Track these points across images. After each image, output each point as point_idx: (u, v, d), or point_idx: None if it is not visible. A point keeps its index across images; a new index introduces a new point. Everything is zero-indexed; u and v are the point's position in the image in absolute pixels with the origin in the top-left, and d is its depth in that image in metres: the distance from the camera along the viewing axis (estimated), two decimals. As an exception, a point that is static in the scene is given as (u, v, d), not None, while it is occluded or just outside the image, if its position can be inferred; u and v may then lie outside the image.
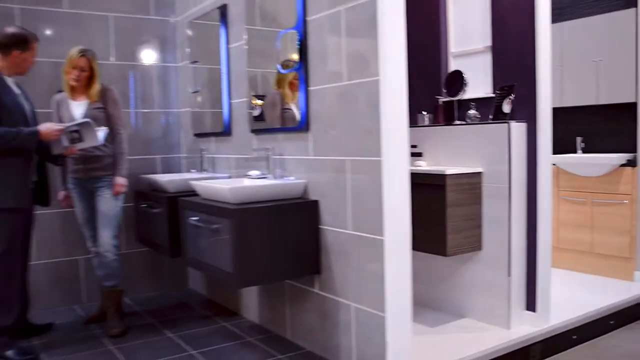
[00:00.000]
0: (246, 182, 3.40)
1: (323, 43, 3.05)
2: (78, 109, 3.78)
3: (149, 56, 4.69)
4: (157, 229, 4.03)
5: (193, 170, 4.52)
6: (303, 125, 3.20)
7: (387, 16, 2.64)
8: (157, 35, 4.72)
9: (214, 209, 3.15)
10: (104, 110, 3.81)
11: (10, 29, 3.38)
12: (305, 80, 3.18)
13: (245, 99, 3.83)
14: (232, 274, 3.00)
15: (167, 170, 4.75)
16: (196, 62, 4.45)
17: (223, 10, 4.00)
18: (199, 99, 4.49)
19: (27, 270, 3.58)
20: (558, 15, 4.78)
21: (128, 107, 4.55)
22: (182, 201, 3.52)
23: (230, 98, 4.03)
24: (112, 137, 3.80)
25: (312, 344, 3.37)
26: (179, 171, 4.78)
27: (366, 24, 2.72)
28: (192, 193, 3.69)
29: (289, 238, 3.10)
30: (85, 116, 3.68)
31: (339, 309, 3.11)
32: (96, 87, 3.79)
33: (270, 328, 3.78)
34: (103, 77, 3.95)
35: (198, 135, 4.52)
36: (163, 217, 3.89)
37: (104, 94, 3.84)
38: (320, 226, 3.17)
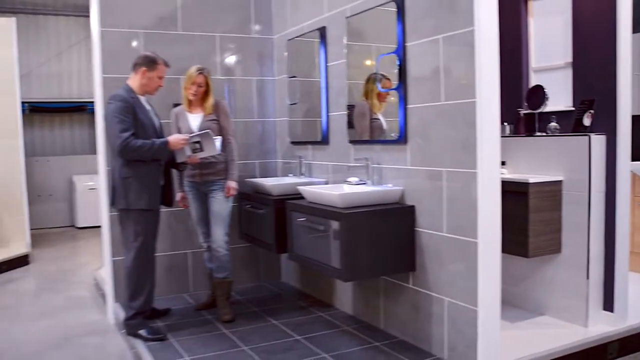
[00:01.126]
0: (349, 189, 3.81)
1: (422, 67, 3.44)
2: (195, 120, 4.29)
3: (249, 71, 5.17)
4: (262, 228, 4.49)
5: (290, 175, 4.96)
6: (401, 138, 3.60)
7: (484, 45, 3.01)
8: (257, 52, 5.20)
9: (321, 211, 3.59)
10: (217, 122, 4.30)
11: (144, 52, 3.95)
12: (404, 98, 3.57)
13: (343, 112, 4.25)
14: (340, 270, 3.43)
15: (264, 174, 5.23)
16: (294, 77, 4.89)
17: (322, 32, 4.43)
18: (296, 110, 4.93)
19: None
20: (637, 24, 4.98)
21: (233, 117, 5.03)
22: (289, 204, 3.97)
23: (328, 111, 4.46)
24: (223, 145, 4.27)
25: (405, 333, 3.77)
26: (274, 175, 5.24)
27: (464, 52, 3.10)
28: (296, 196, 4.15)
29: (388, 238, 3.51)
30: (201, 127, 4.20)
31: (432, 303, 3.49)
32: (211, 101, 4.29)
33: (363, 319, 4.20)
34: (222, 93, 4.47)
35: (295, 143, 4.97)
36: (269, 217, 4.35)
37: (216, 107, 4.33)
38: (416, 228, 3.56)
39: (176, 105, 4.49)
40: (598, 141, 3.68)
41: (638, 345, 3.76)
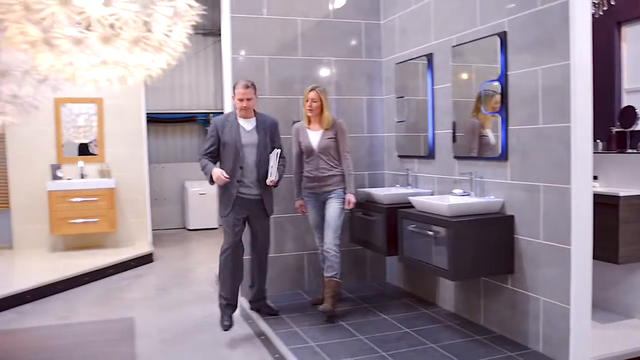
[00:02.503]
0: (454, 199, 4.32)
1: (522, 93, 3.91)
2: (314, 137, 4.90)
3: (360, 91, 5.76)
4: (373, 232, 5.06)
5: (397, 185, 5.50)
6: (502, 156, 4.08)
7: (579, 77, 3.46)
8: (367, 73, 5.78)
9: (430, 219, 4.13)
10: (334, 139, 4.87)
11: None
12: (505, 120, 4.05)
13: (448, 130, 4.76)
14: (447, 270, 3.96)
15: (373, 184, 5.80)
16: (402, 96, 5.44)
17: (429, 58, 4.96)
18: (403, 126, 5.47)
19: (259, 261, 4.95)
20: None
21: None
22: (401, 212, 4.52)
23: (434, 129, 4.98)
24: (339, 160, 4.88)
25: (503, 329, 4.23)
26: (382, 185, 5.80)
27: (560, 82, 3.55)
28: (404, 204, 4.70)
29: (489, 244, 4.00)
30: (320, 144, 4.82)
31: (528, 301, 3.95)
32: (326, 116, 4.84)
33: (464, 315, 4.68)
34: (335, 111, 5.08)
35: (402, 156, 5.51)
36: (380, 223, 4.91)
37: (334, 125, 4.90)
38: (515, 236, 4.03)
39: (295, 122, 5.12)
40: (687, 159, 4.02)
41: None
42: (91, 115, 8.33)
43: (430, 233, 4.11)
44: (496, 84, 4.10)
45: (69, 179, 8.13)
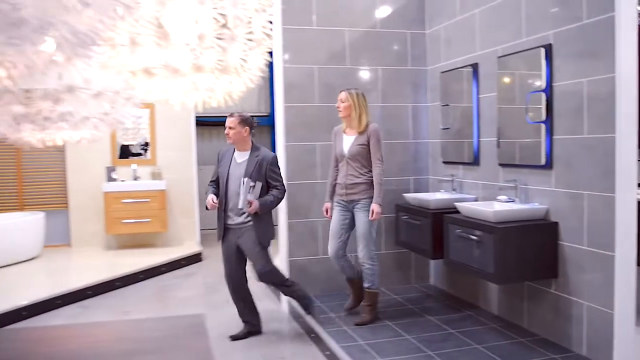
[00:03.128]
0: (499, 206, 4.47)
1: (567, 104, 4.04)
2: (347, 142, 4.87)
3: (405, 98, 5.94)
4: (418, 236, 5.23)
5: (442, 190, 5.66)
6: (547, 164, 4.21)
7: (624, 89, 3.58)
8: (412, 82, 5.95)
9: (476, 225, 4.28)
10: (366, 146, 4.79)
11: None
12: (550, 130, 4.19)
13: (493, 138, 4.89)
14: (493, 274, 4.11)
15: (417, 189, 5.96)
16: (447, 104, 5.59)
17: (475, 67, 5.10)
18: (448, 133, 5.62)
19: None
20: None
21: (391, 139, 5.82)
22: (447, 217, 4.68)
23: (479, 136, 5.12)
24: (370, 168, 4.80)
25: (546, 332, 4.36)
26: (426, 190, 5.96)
27: (605, 94, 3.68)
28: (449, 209, 4.86)
29: (534, 249, 4.14)
30: (350, 152, 4.80)
31: (572, 306, 4.08)
32: (357, 119, 4.78)
33: (508, 318, 4.82)
34: (382, 118, 5.27)
35: (446, 162, 5.66)
36: (426, 227, 5.08)
37: (367, 130, 4.80)
38: (559, 242, 4.15)
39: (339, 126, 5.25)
40: None
41: None
42: (138, 117, 8.66)
43: (476, 238, 4.27)
44: (541, 94, 4.23)
45: (122, 181, 8.49)
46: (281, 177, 4.73)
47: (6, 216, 8.01)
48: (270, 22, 2.18)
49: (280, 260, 5.84)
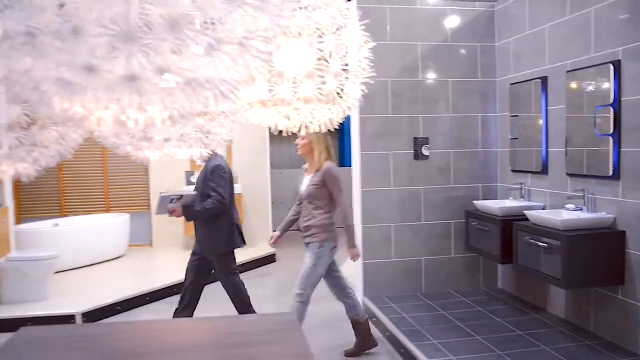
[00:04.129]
0: (567, 215, 4.68)
1: (634, 118, 4.22)
2: (305, 182, 4.65)
3: (475, 109, 6.18)
4: (488, 242, 5.47)
5: (510, 198, 5.88)
6: (615, 175, 4.40)
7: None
8: (482, 93, 6.19)
9: (545, 232, 4.51)
10: (320, 187, 4.50)
11: None
12: (618, 143, 4.37)
13: (561, 149, 5.09)
14: (560, 279, 4.33)
15: (486, 196, 6.19)
16: (516, 115, 5.81)
17: (544, 81, 5.31)
18: (517, 143, 5.84)
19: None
20: None
21: (460, 148, 6.08)
22: (517, 225, 4.92)
23: (547, 147, 5.32)
24: (329, 208, 4.57)
25: (614, 336, 4.54)
26: (495, 197, 6.19)
27: (672, 110, 3.86)
28: (518, 217, 5.09)
29: (601, 257, 4.34)
30: (305, 191, 4.59)
31: (638, 311, 4.25)
32: (315, 158, 4.50)
33: (575, 322, 5.01)
34: (452, 127, 5.55)
35: (515, 171, 5.88)
36: (495, 233, 5.32)
37: (321, 170, 4.50)
38: (626, 250, 4.34)
39: None
40: None
41: None
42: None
43: (545, 245, 4.49)
44: (609, 108, 4.42)
45: (201, 185, 9.01)
46: (218, 187, 4.72)
47: (95, 218, 8.65)
48: (366, 58, 2.52)
49: (356, 263, 6.16)
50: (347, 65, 2.52)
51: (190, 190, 4.98)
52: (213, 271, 5.10)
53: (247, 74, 1.61)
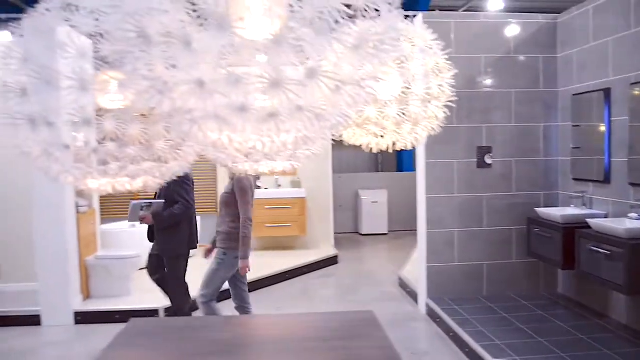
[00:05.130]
0: (630, 223, 4.84)
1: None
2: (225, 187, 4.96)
3: (537, 118, 6.36)
4: (549, 248, 5.65)
5: (571, 206, 6.03)
6: (678, 186, 4.56)
7: None
8: (544, 103, 6.36)
9: (608, 240, 4.68)
10: (230, 195, 4.75)
11: None
12: (681, 155, 4.52)
13: (624, 159, 5.24)
14: (623, 286, 4.50)
15: (547, 203, 6.36)
16: (578, 125, 5.97)
17: (607, 92, 5.47)
18: (579, 152, 5.99)
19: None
20: None
21: (522, 156, 6.26)
22: (579, 232, 5.10)
23: (610, 156, 5.47)
24: (231, 217, 4.73)
25: (676, 342, 4.69)
26: (556, 205, 6.35)
27: None
28: (580, 224, 5.26)
29: (664, 264, 4.49)
30: (220, 198, 4.88)
31: (701, 318, 4.40)
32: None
33: (636, 327, 5.15)
34: (514, 136, 5.77)
35: (576, 179, 6.03)
36: (556, 240, 5.50)
37: (234, 180, 4.75)
38: (689, 258, 4.48)
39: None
40: None
41: None
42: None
43: (608, 252, 4.67)
44: (673, 121, 4.57)
45: (266, 189, 9.41)
46: (185, 194, 5.15)
47: (168, 218, 9.13)
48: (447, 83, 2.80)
49: (420, 266, 6.42)
50: (429, 88, 2.82)
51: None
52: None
53: (360, 105, 1.92)
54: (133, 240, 7.57)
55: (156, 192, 5.29)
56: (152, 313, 6.03)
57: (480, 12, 10.54)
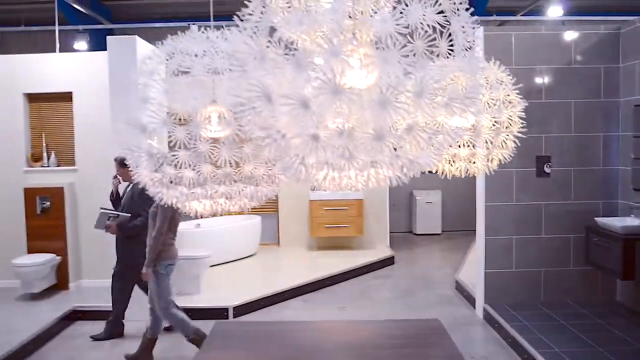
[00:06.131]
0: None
1: None
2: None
3: (597, 128, 6.44)
4: (609, 258, 5.76)
5: (631, 216, 6.11)
6: None
7: None
8: (604, 113, 6.44)
9: (668, 253, 4.79)
10: (155, 210, 5.07)
11: None
12: None
13: (686, 173, 5.33)
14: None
15: (605, 212, 6.45)
16: (638, 136, 6.05)
17: (669, 105, 5.54)
18: None
19: None
20: None
21: (581, 165, 6.37)
22: None
23: (671, 169, 5.56)
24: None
25: None
26: (615, 215, 6.42)
27: None
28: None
29: None
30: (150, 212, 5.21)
31: None
32: None
33: (696, 339, 5.24)
34: (573, 146, 5.89)
35: (637, 190, 6.11)
36: (616, 250, 5.61)
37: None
38: None
39: None
40: None
41: None
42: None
43: (668, 265, 4.78)
44: None
45: (324, 191, 9.69)
46: (147, 210, 5.27)
47: (231, 219, 9.51)
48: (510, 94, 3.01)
49: (478, 271, 6.60)
50: (496, 119, 3.03)
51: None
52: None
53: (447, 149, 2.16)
54: (196, 239, 7.99)
55: (122, 204, 5.84)
56: (222, 311, 6.40)
57: (540, 17, 10.56)
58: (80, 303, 6.68)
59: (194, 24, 9.91)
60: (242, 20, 2.02)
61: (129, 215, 5.70)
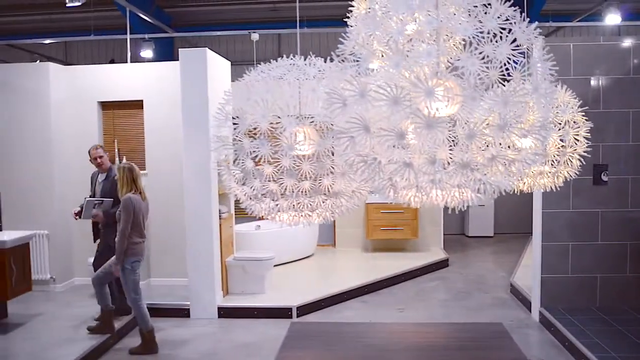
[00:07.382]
0: None
1: None
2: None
3: (655, 137, 6.55)
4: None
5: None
6: None
7: None
8: (663, 121, 6.54)
9: None
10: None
11: None
12: None
13: None
14: None
15: (664, 219, 6.54)
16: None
17: None
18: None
19: None
20: None
21: (636, 174, 6.46)
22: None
23: None
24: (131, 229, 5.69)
25: None
26: (673, 221, 6.51)
27: None
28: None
29: None
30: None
31: None
32: (121, 189, 5.68)
33: None
34: (631, 155, 5.99)
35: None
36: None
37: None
38: None
39: None
40: None
41: None
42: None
43: None
44: None
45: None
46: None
47: (288, 219, 9.85)
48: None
49: (534, 275, 6.76)
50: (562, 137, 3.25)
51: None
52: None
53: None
54: (257, 240, 8.35)
55: (101, 192, 6.36)
56: (287, 311, 6.73)
57: (596, 22, 10.57)
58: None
59: (254, 31, 10.25)
60: (341, 61, 2.31)
61: (112, 199, 6.18)
